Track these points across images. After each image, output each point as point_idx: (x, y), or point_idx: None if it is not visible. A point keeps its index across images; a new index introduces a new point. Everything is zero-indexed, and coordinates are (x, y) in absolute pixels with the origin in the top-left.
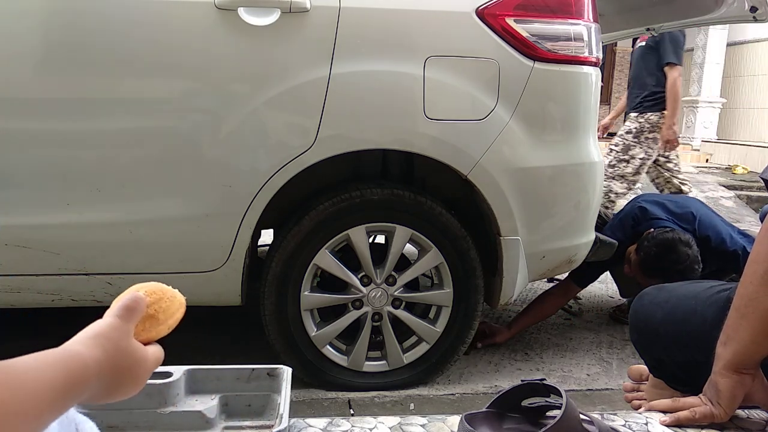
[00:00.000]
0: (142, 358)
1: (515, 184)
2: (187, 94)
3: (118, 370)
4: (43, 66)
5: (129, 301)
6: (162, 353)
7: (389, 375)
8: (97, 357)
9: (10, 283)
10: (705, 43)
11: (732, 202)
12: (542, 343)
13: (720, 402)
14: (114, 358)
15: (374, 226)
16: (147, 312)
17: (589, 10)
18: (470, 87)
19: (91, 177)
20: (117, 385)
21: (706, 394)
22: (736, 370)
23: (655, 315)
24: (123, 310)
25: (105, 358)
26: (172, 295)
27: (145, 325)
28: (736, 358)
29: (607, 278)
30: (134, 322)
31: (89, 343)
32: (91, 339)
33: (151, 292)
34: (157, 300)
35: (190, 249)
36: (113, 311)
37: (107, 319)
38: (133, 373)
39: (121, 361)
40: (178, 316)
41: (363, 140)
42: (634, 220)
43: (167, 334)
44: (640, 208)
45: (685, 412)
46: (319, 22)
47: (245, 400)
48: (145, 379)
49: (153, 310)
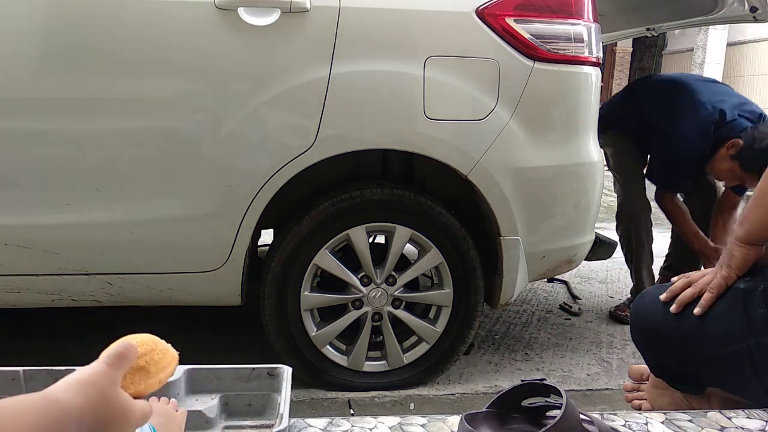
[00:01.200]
0: (129, 411)
1: (515, 184)
2: (187, 94)
3: (101, 421)
4: (42, 66)
5: (120, 348)
6: (151, 410)
7: (389, 375)
8: (79, 404)
9: (10, 283)
10: (705, 43)
11: None
12: (542, 343)
13: (731, 265)
14: (97, 406)
15: (374, 226)
16: (137, 363)
17: (589, 10)
18: (470, 87)
19: (91, 177)
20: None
21: (720, 260)
22: (749, 242)
23: (656, 314)
24: (113, 357)
25: (88, 406)
26: (164, 347)
27: (134, 377)
28: (749, 234)
29: (607, 278)
30: (123, 370)
31: (73, 388)
32: (75, 384)
33: (142, 343)
34: (149, 351)
35: (190, 249)
36: (102, 358)
37: (95, 365)
38: (117, 425)
39: (105, 410)
40: (169, 370)
41: (363, 140)
42: (715, 124)
43: (157, 389)
44: (720, 111)
45: (706, 294)
46: (319, 22)
47: (245, 399)
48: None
49: (144, 361)
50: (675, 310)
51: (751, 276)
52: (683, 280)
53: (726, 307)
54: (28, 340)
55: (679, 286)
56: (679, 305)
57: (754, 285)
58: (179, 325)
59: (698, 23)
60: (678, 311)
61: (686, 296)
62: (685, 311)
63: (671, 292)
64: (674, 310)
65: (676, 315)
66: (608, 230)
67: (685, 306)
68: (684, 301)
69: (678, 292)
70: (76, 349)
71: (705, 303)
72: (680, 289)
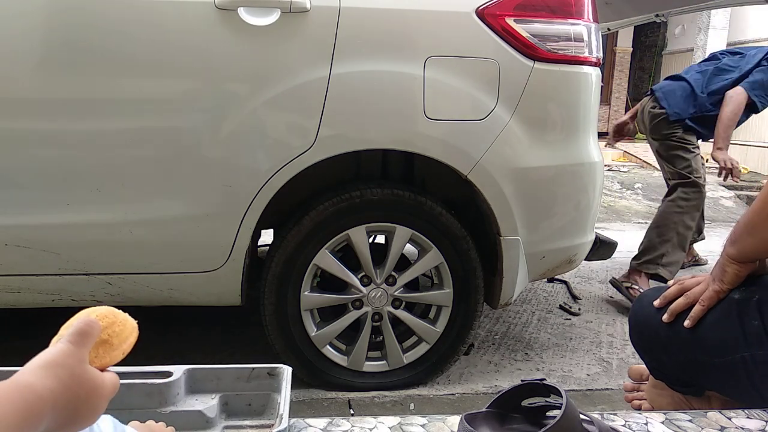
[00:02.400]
0: (100, 386)
1: (515, 184)
2: (187, 94)
3: (74, 400)
4: (43, 66)
5: (82, 325)
6: (117, 380)
7: (389, 375)
8: (51, 387)
9: (10, 283)
10: (705, 43)
11: (732, 202)
12: (542, 343)
13: (723, 280)
14: (70, 387)
15: (374, 226)
16: (100, 337)
17: (589, 10)
18: (470, 87)
19: (91, 177)
20: (74, 416)
21: (712, 273)
22: (741, 261)
23: (654, 318)
24: (76, 335)
25: (60, 388)
26: (124, 318)
27: (98, 351)
28: (741, 255)
29: (607, 278)
30: (88, 348)
31: (42, 373)
32: (43, 368)
33: (102, 316)
34: (110, 324)
35: (190, 249)
36: (65, 337)
37: (59, 346)
38: (90, 402)
39: (77, 390)
40: (131, 340)
41: (363, 140)
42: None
43: (121, 359)
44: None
45: (697, 307)
46: (319, 22)
47: (245, 399)
48: (102, 408)
49: (106, 334)
50: (667, 319)
51: (746, 286)
52: (677, 287)
53: (721, 317)
54: (28, 340)
55: (673, 293)
56: (671, 315)
57: (749, 295)
58: (179, 325)
59: (708, 7)
60: (670, 320)
61: (678, 306)
62: (680, 318)
63: (664, 298)
64: (666, 319)
65: (673, 321)
66: (608, 230)
67: (681, 312)
68: (676, 311)
69: (671, 299)
70: None
71: (695, 315)
72: (673, 296)
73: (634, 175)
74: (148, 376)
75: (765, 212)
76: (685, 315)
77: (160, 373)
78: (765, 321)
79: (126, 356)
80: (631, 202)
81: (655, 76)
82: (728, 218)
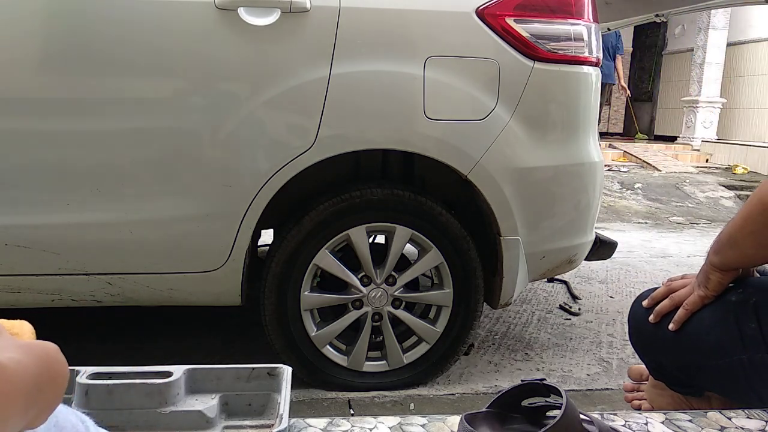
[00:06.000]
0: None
1: (515, 184)
2: (187, 94)
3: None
4: (43, 66)
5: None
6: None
7: (389, 375)
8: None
9: (10, 283)
10: (705, 43)
11: (732, 202)
12: (542, 343)
13: (708, 286)
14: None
15: (374, 226)
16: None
17: (589, 10)
18: (470, 87)
19: (91, 177)
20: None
21: (697, 278)
22: (724, 270)
23: (648, 317)
24: None
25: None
26: (19, 323)
27: None
28: (724, 265)
29: (607, 278)
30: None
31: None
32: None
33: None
34: (10, 327)
35: (190, 249)
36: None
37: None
38: (54, 385)
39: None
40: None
41: (363, 140)
42: None
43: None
44: None
45: (681, 310)
46: (319, 22)
47: (245, 399)
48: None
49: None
50: (653, 320)
51: (743, 288)
52: (664, 288)
53: (718, 319)
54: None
55: (660, 294)
56: (657, 316)
57: (746, 297)
58: (179, 325)
59: (707, 6)
60: (656, 321)
61: (663, 308)
62: (666, 320)
63: (652, 299)
64: (652, 320)
65: (660, 323)
66: (608, 230)
67: (667, 314)
68: (661, 313)
69: (658, 300)
70: (75, 348)
71: (678, 319)
72: (661, 297)
73: (634, 175)
74: (148, 376)
75: (746, 229)
76: (671, 317)
77: (160, 373)
78: (762, 324)
79: (126, 356)
80: (631, 202)
81: (655, 76)
82: (728, 218)
